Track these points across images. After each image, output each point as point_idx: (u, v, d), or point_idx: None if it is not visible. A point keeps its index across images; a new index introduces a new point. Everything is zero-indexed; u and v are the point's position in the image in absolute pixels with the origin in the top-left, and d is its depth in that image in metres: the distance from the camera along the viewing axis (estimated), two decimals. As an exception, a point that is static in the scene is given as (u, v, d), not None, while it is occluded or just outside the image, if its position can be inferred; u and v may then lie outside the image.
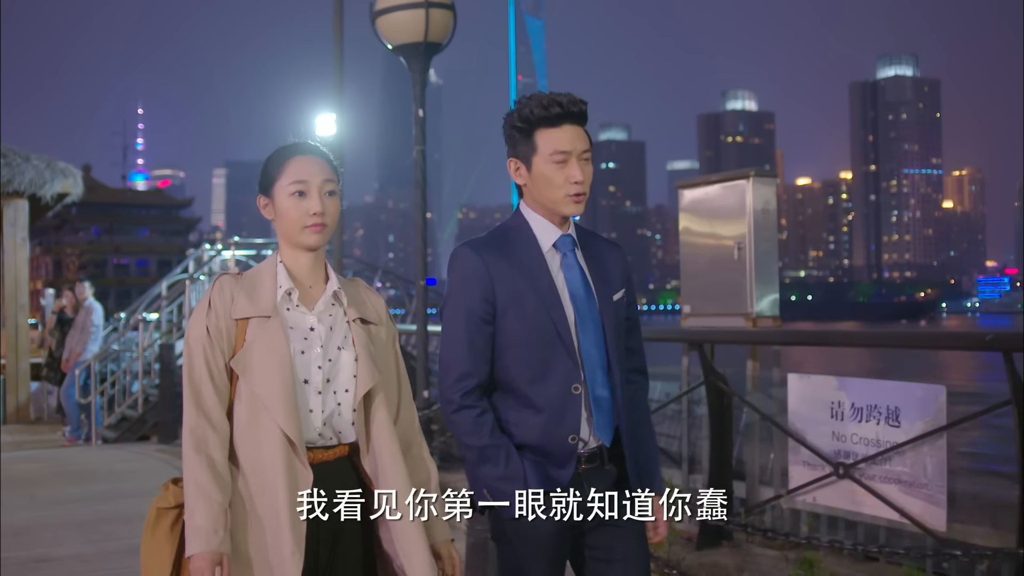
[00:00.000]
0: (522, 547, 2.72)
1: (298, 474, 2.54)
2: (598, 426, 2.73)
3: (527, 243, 2.77)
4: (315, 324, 2.67)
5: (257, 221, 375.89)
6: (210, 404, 2.56)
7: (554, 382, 2.69)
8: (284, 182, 2.67)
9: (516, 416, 2.72)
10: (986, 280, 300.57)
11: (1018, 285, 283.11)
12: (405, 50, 7.69)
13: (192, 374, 2.60)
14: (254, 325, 2.60)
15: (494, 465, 2.67)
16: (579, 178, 2.72)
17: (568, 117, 2.74)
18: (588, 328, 2.73)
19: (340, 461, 2.67)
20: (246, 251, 16.36)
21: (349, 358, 2.67)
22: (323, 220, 2.66)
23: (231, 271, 2.76)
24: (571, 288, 2.74)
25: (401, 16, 7.47)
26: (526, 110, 2.74)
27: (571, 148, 2.72)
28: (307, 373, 2.61)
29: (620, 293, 2.84)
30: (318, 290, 2.72)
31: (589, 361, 2.72)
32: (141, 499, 8.41)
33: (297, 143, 2.75)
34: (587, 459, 2.74)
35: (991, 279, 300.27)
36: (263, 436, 2.54)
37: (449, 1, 7.68)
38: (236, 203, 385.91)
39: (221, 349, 2.60)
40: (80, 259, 39.53)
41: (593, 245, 2.88)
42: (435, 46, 7.68)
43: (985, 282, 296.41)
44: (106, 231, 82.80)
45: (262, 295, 2.64)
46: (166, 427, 12.76)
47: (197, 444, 2.53)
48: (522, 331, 2.70)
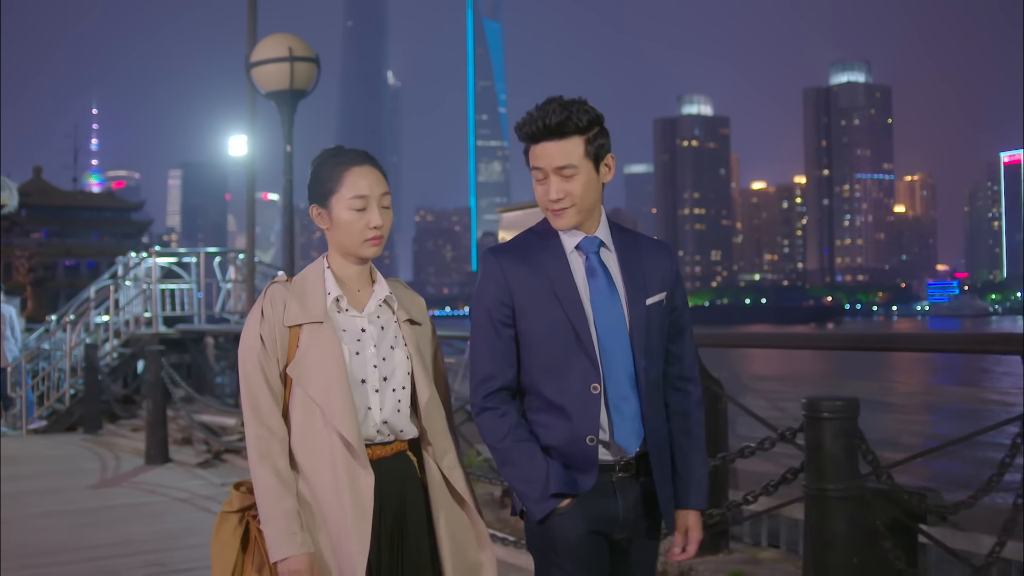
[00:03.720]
0: (548, 551, 2.68)
1: (359, 474, 2.59)
2: (618, 431, 2.67)
3: (550, 247, 2.72)
4: (366, 325, 2.72)
5: (212, 223, 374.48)
6: (268, 411, 2.62)
7: (573, 382, 2.64)
8: (344, 195, 2.69)
9: (541, 418, 2.68)
10: (936, 284, 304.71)
11: (966, 288, 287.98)
12: (275, 96, 9.01)
13: (249, 384, 2.65)
14: (307, 331, 2.65)
15: (515, 467, 2.64)
16: (554, 195, 2.68)
17: (546, 133, 2.67)
18: (611, 330, 2.67)
19: (399, 456, 2.72)
20: (169, 259, 17.64)
21: (402, 356, 2.73)
22: (381, 232, 2.72)
23: (279, 278, 2.76)
24: (593, 289, 2.69)
25: (270, 68, 8.81)
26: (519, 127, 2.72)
27: (544, 164, 2.67)
28: (364, 372, 2.66)
29: (658, 297, 2.75)
30: (366, 293, 2.77)
31: (611, 364, 2.66)
32: (59, 477, 9.88)
33: (350, 151, 2.78)
34: (623, 467, 2.70)
35: (941, 283, 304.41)
36: (320, 439, 2.61)
37: (312, 55, 8.99)
38: (191, 205, 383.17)
39: (276, 357, 2.65)
40: (30, 262, 40.17)
41: (632, 247, 2.79)
42: (300, 92, 8.99)
43: (935, 286, 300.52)
44: (56, 234, 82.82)
45: (313, 301, 2.68)
46: (90, 419, 14.14)
47: (262, 454, 2.59)
48: (540, 332, 2.67)
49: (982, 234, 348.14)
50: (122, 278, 16.89)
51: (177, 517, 7.88)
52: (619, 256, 2.74)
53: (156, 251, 16.67)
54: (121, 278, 16.91)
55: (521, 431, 2.66)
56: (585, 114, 2.66)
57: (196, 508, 8.32)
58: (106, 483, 9.93)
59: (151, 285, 16.38)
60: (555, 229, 2.71)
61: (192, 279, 17.32)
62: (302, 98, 9.05)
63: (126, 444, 12.55)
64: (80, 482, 9.89)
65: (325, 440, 2.59)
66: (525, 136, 2.69)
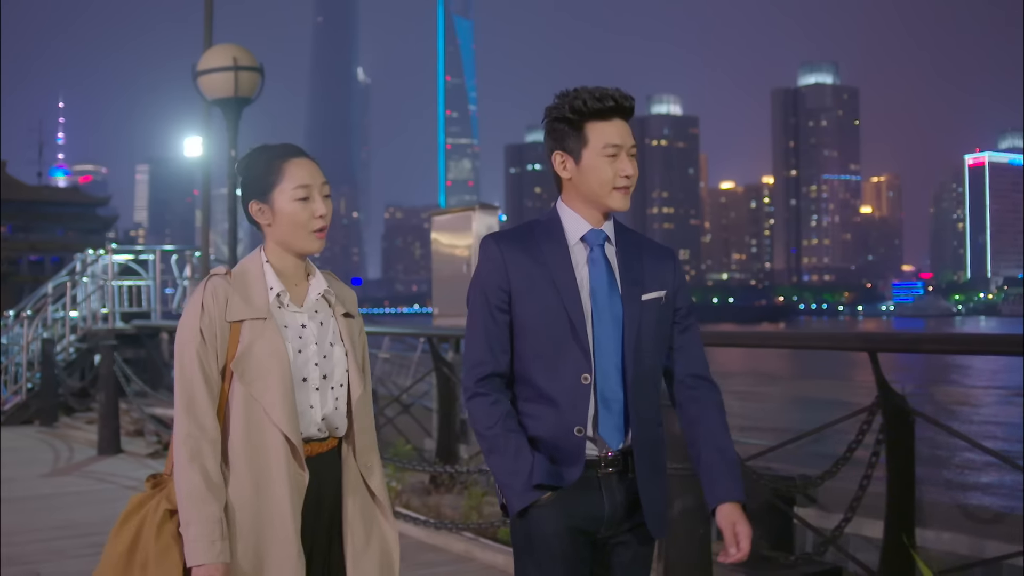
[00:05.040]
0: (526, 545, 2.64)
1: (296, 473, 2.57)
2: (603, 425, 2.62)
3: (552, 235, 2.69)
4: (306, 322, 2.68)
5: (180, 219, 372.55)
6: (203, 409, 2.54)
7: (565, 372, 2.61)
8: (287, 186, 2.64)
9: (530, 408, 2.64)
10: (901, 284, 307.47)
11: (930, 289, 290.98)
12: (220, 103, 9.46)
13: (185, 379, 2.57)
14: (248, 327, 2.59)
15: (502, 456, 2.59)
16: (629, 172, 2.66)
17: (619, 111, 2.67)
18: (606, 323, 2.63)
19: (331, 453, 2.69)
20: (126, 256, 18.04)
21: (341, 353, 2.70)
22: (325, 223, 2.69)
23: (218, 270, 2.69)
24: (592, 281, 2.65)
25: (216, 76, 9.26)
26: (578, 102, 2.65)
27: (622, 142, 2.65)
28: (305, 371, 2.63)
29: (656, 294, 2.71)
30: (303, 287, 2.72)
31: (603, 357, 2.62)
32: (14, 467, 10.27)
33: (284, 145, 2.74)
34: (608, 463, 2.63)
35: (906, 283, 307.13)
36: (260, 438, 2.56)
37: (256, 64, 9.45)
38: (159, 200, 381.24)
39: (215, 352, 2.58)
40: (-7, 257, 40.33)
41: (634, 245, 2.77)
42: (245, 100, 9.44)
43: (900, 286, 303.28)
44: (21, 228, 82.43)
45: (255, 296, 2.63)
46: (47, 412, 14.55)
47: (191, 454, 2.51)
48: (535, 319, 2.63)
49: (947, 235, 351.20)
50: (79, 274, 17.28)
51: (124, 503, 8.08)
52: (620, 252, 2.72)
53: (112, 248, 17.10)
54: (79, 274, 17.30)
55: (511, 421, 2.61)
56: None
57: (143, 495, 8.74)
58: (58, 472, 10.36)
59: (108, 282, 16.77)
60: (617, 208, 2.69)
61: (150, 276, 17.71)
62: (247, 105, 9.48)
63: (80, 436, 12.96)
64: (33, 471, 10.32)
65: (265, 439, 2.55)
66: (594, 111, 2.64)
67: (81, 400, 14.99)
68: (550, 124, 2.71)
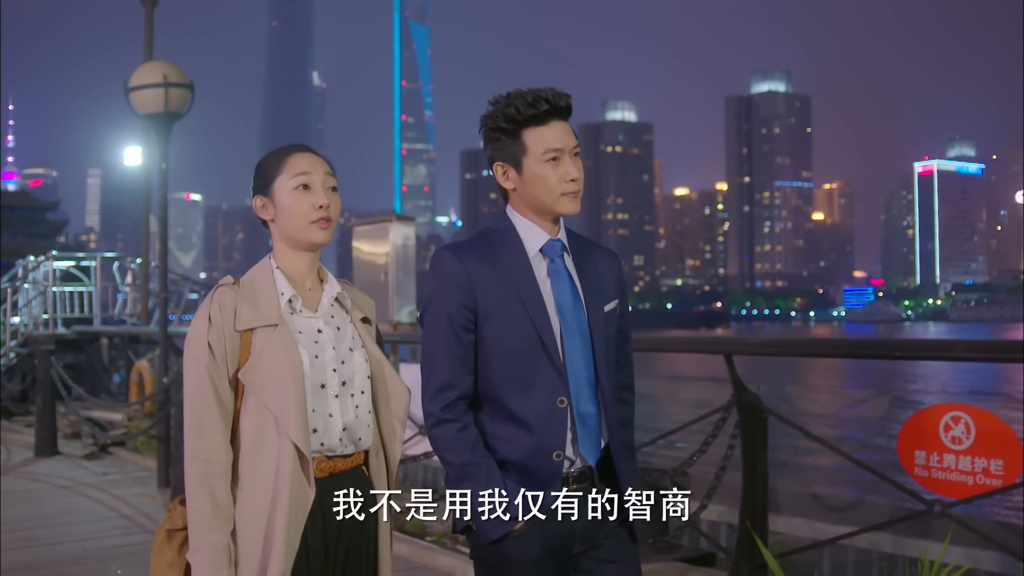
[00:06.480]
0: (506, 570, 2.54)
1: (301, 492, 2.46)
2: (583, 443, 2.56)
3: (512, 248, 2.58)
4: (322, 326, 2.59)
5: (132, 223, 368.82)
6: (213, 429, 2.46)
7: (538, 395, 2.52)
8: (286, 176, 2.57)
9: (499, 430, 2.54)
10: (852, 290, 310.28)
11: (881, 295, 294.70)
12: (151, 118, 9.84)
13: (194, 399, 2.48)
14: (260, 335, 2.50)
15: (473, 484, 2.48)
16: (574, 174, 2.56)
17: (555, 112, 2.56)
18: (575, 339, 2.56)
19: (356, 470, 2.59)
20: (67, 262, 18.31)
21: (361, 359, 2.61)
22: (329, 214, 2.59)
23: (226, 281, 2.58)
24: (557, 296, 2.57)
25: (147, 92, 9.64)
26: (511, 109, 2.54)
27: (563, 145, 2.56)
28: (323, 377, 2.53)
29: (612, 304, 2.66)
30: (317, 292, 2.64)
31: (575, 374, 2.55)
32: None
33: (292, 144, 2.68)
34: (576, 479, 2.57)
35: (857, 289, 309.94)
36: (271, 451, 2.46)
37: (186, 81, 9.84)
38: (111, 204, 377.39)
39: (226, 365, 2.48)
40: (-60, 261, 40.28)
41: (585, 251, 2.69)
42: (175, 115, 9.82)
43: (851, 292, 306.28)
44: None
45: (266, 303, 2.53)
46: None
47: (199, 477, 2.43)
48: (505, 340, 2.53)
49: (897, 242, 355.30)
50: (21, 280, 17.54)
51: (57, 501, 8.67)
52: (576, 261, 2.65)
53: (53, 255, 17.39)
54: (20, 280, 17.56)
55: (480, 448, 2.52)
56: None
57: (75, 494, 9.09)
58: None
59: (49, 287, 17.06)
60: (568, 213, 2.60)
61: (92, 282, 18.00)
62: (177, 120, 9.86)
63: (18, 439, 13.24)
64: (-30, 473, 10.60)
65: (276, 451, 2.45)
66: (529, 117, 2.55)
67: (20, 404, 15.30)
68: (487, 134, 2.62)
